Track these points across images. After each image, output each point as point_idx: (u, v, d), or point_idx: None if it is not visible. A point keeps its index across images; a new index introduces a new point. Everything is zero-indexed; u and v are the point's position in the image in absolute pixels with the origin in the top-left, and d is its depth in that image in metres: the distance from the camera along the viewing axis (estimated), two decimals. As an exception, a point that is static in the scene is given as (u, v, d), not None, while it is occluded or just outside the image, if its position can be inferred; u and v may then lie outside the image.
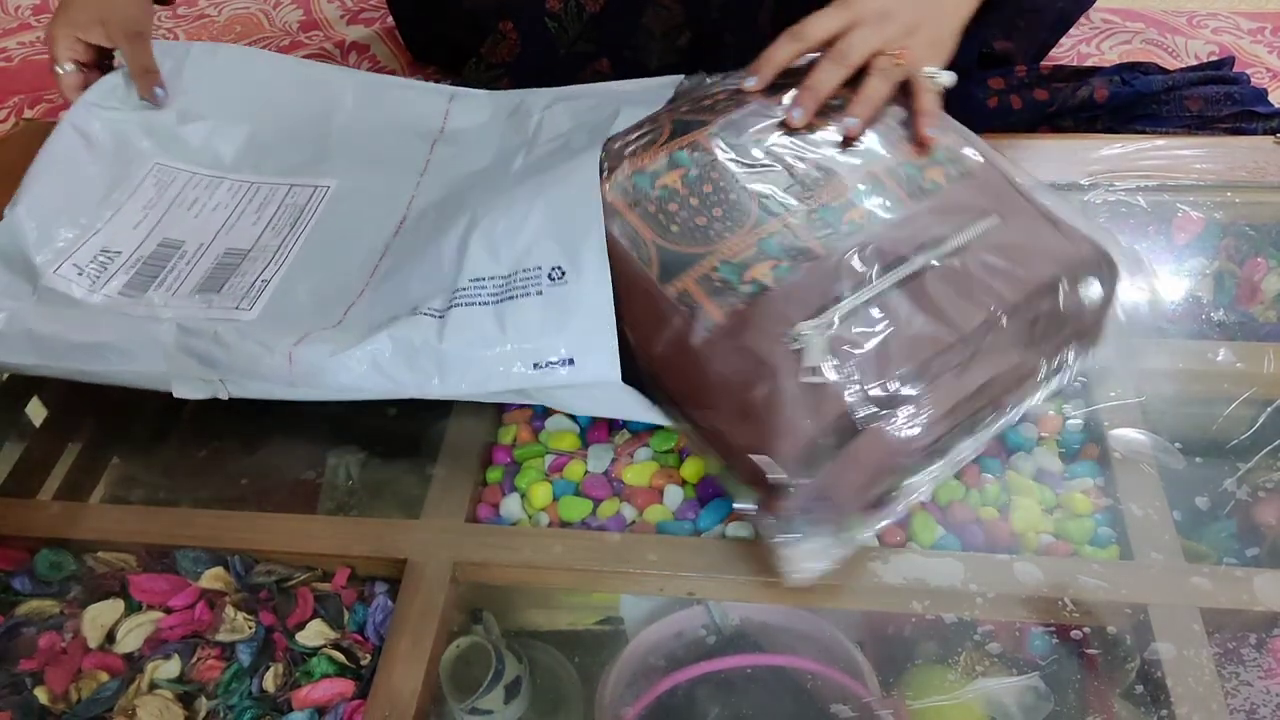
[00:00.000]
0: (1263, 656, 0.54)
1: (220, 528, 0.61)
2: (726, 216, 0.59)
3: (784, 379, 0.52)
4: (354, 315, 0.63)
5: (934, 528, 0.58)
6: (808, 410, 0.52)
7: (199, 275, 0.68)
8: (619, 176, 0.61)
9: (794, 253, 0.57)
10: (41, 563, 0.61)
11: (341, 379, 0.58)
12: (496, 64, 0.92)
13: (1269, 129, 0.86)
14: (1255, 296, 0.71)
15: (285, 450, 0.72)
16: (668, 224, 0.59)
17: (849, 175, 0.60)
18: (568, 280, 0.57)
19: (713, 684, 0.59)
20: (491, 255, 0.59)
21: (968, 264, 0.56)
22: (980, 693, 0.56)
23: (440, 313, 0.58)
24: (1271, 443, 0.63)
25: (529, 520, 0.61)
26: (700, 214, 0.59)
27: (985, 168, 0.62)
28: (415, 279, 0.62)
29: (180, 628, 0.58)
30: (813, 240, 0.58)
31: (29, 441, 0.71)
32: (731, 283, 0.56)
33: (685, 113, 0.65)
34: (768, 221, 0.58)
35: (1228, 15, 1.16)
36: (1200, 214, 0.75)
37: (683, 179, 0.60)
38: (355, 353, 0.58)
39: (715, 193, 0.60)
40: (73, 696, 0.56)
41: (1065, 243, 0.58)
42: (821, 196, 0.59)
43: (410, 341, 0.57)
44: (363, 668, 0.56)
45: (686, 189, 0.60)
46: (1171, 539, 0.56)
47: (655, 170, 0.61)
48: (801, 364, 0.52)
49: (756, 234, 0.58)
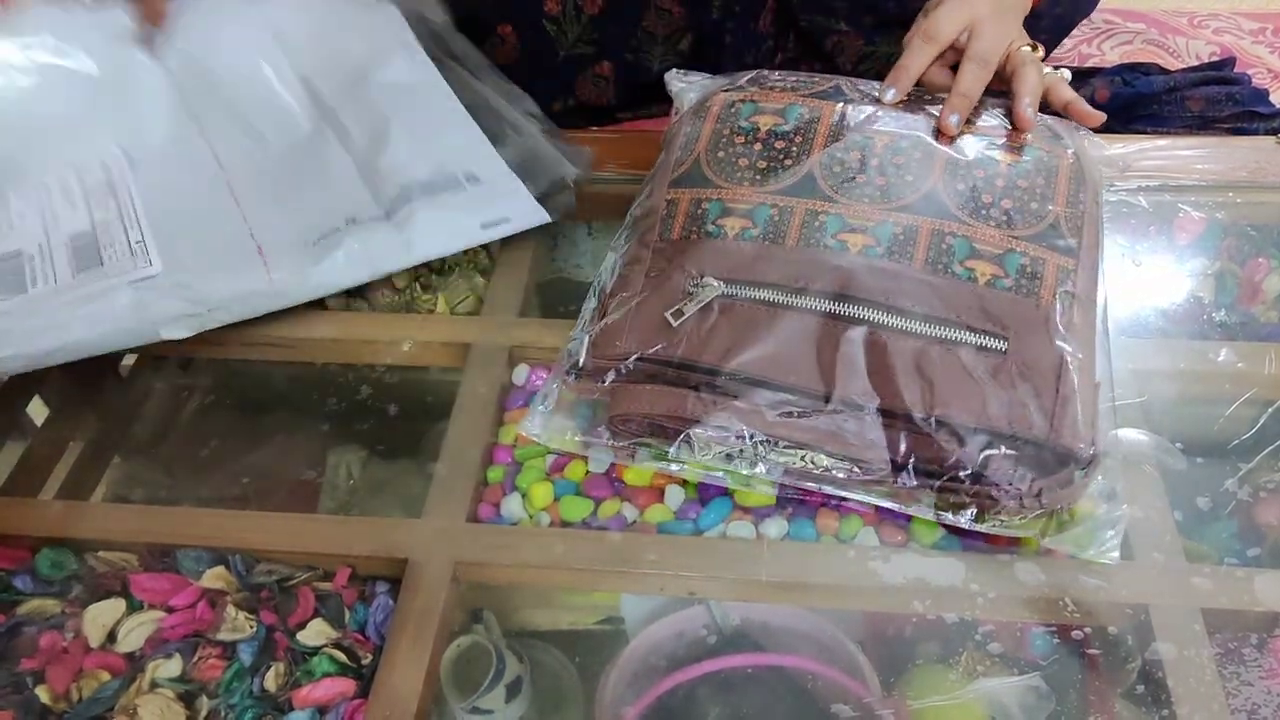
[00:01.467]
0: (1264, 657, 0.54)
1: (221, 527, 0.61)
2: (766, 171, 0.62)
3: (649, 301, 0.59)
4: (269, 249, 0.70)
5: (935, 527, 0.58)
6: (643, 332, 0.58)
7: (65, 265, 0.69)
8: (737, 94, 0.68)
9: (771, 229, 0.59)
10: (43, 562, 0.61)
11: (324, 279, 0.69)
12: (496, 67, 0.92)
13: (1270, 129, 0.86)
14: (1257, 297, 0.71)
15: (286, 449, 0.72)
16: (721, 149, 0.64)
17: (895, 210, 0.60)
18: (482, 182, 0.72)
19: (713, 684, 0.59)
20: (409, 164, 0.72)
21: (926, 356, 0.55)
22: (981, 693, 0.56)
23: (387, 214, 0.71)
24: (1273, 443, 0.63)
25: (530, 520, 0.61)
26: (748, 157, 0.64)
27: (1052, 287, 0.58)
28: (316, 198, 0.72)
29: (181, 627, 0.58)
30: (796, 231, 0.58)
31: (30, 441, 0.71)
32: (706, 215, 0.61)
33: (851, 86, 0.68)
34: (791, 192, 0.59)
35: (1229, 16, 1.16)
36: (1202, 214, 0.75)
37: (774, 128, 0.65)
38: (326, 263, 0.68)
39: (781, 151, 0.63)
40: (74, 696, 0.56)
41: (1037, 420, 0.53)
42: (857, 209, 0.60)
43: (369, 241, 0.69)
44: (364, 667, 0.56)
45: (767, 135, 0.64)
46: (1172, 539, 0.56)
47: (764, 108, 0.66)
48: (680, 303, 0.58)
49: (766, 196, 0.59)
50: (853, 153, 0.63)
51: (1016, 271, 0.58)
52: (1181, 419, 0.63)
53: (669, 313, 0.58)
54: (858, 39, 0.88)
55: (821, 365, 0.55)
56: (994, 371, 0.54)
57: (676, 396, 0.56)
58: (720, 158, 0.64)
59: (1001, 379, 0.54)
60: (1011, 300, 0.56)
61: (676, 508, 0.61)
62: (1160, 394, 0.63)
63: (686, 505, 0.61)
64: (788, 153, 0.63)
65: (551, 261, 0.81)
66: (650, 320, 0.58)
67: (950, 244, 0.58)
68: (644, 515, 0.61)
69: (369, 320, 0.72)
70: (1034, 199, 0.61)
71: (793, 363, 0.56)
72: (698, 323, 0.58)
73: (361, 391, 0.73)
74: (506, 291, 0.73)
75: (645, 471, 0.62)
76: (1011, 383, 0.54)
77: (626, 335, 0.58)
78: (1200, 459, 0.61)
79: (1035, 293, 0.57)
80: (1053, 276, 0.58)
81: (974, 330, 0.55)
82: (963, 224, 0.59)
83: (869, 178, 0.62)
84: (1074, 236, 0.60)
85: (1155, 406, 0.63)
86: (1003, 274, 0.57)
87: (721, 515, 0.60)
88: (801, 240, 0.59)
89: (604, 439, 0.60)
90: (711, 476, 0.58)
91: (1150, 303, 0.71)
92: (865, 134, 0.64)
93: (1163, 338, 0.68)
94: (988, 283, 0.57)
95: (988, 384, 0.54)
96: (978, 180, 0.62)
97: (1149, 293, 0.72)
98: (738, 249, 0.59)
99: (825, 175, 0.62)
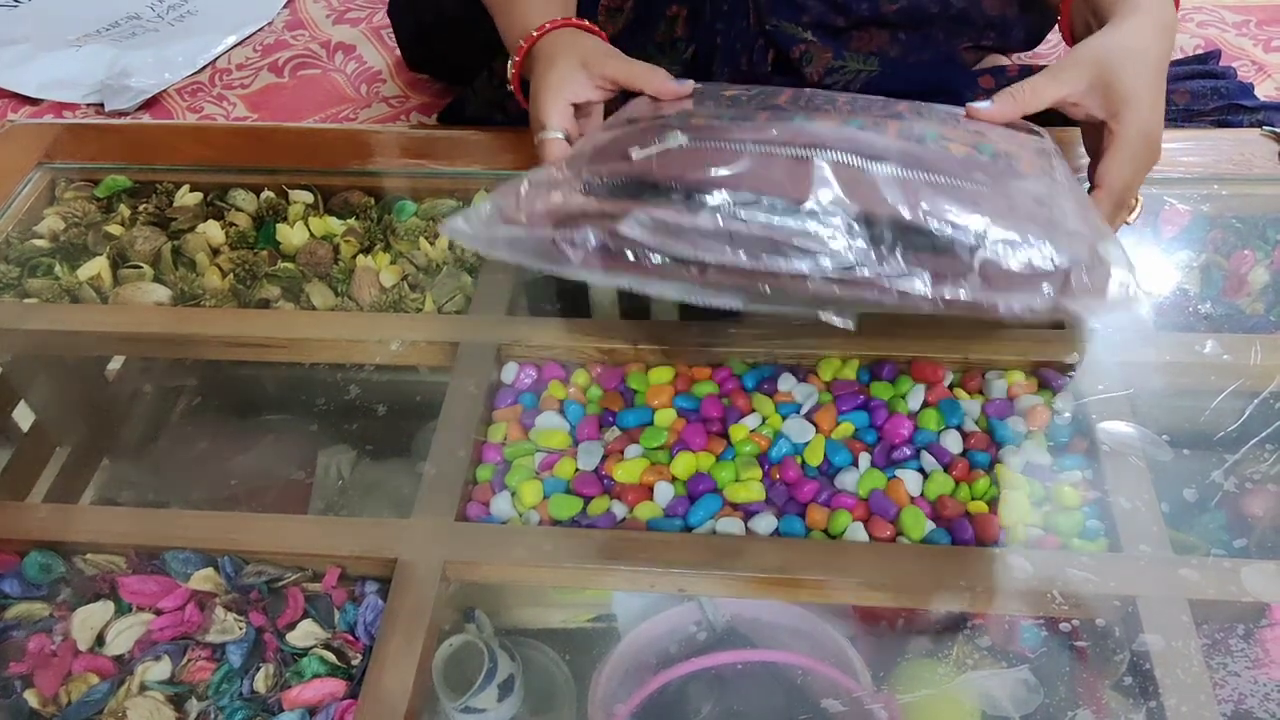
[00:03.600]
0: (1250, 647, 0.54)
1: (210, 529, 0.61)
2: (735, 114, 0.61)
3: (611, 144, 0.59)
4: None
5: (923, 521, 0.58)
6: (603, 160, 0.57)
7: None
8: None
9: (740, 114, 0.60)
10: (31, 565, 0.61)
11: None
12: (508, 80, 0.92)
13: (1255, 122, 0.86)
14: (1242, 288, 0.72)
15: (275, 450, 0.72)
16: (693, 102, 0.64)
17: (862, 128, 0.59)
18: None
19: (705, 680, 0.59)
20: None
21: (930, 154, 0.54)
22: (971, 686, 0.57)
23: None
24: (1258, 435, 0.63)
25: (520, 519, 0.61)
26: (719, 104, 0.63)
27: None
28: None
29: (170, 629, 0.58)
30: (765, 117, 0.59)
31: (18, 444, 0.71)
32: (675, 119, 0.60)
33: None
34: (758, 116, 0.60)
35: (1213, 9, 1.16)
36: (1187, 207, 0.75)
37: (737, 95, 0.64)
38: None
39: (748, 101, 0.63)
40: (63, 699, 0.55)
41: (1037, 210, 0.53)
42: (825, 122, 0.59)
43: None
44: (354, 668, 0.56)
45: (731, 98, 0.64)
46: (1160, 531, 0.57)
47: (732, 90, 0.65)
48: (652, 141, 0.57)
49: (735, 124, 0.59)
50: (817, 110, 0.62)
51: (991, 154, 0.57)
52: (1168, 411, 0.63)
53: (631, 149, 0.56)
54: (826, 52, 0.87)
55: (794, 181, 0.53)
56: (980, 196, 0.53)
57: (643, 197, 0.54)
58: (690, 108, 0.63)
59: (992, 193, 0.53)
60: (990, 164, 0.56)
61: (666, 505, 0.61)
62: (1147, 386, 0.64)
63: (676, 502, 0.61)
64: (754, 104, 0.63)
65: (540, 260, 0.81)
66: (611, 154, 0.57)
67: (920, 131, 0.58)
68: (633, 512, 0.61)
69: (357, 320, 0.72)
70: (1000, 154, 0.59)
71: (764, 177, 0.53)
72: (659, 159, 0.56)
73: (350, 392, 0.73)
74: (494, 290, 0.73)
75: (635, 468, 0.62)
76: (1005, 193, 0.53)
77: (588, 161, 0.57)
78: (1187, 451, 0.62)
79: (1014, 167, 0.57)
80: (1029, 163, 0.57)
81: (955, 175, 0.54)
82: (933, 129, 0.59)
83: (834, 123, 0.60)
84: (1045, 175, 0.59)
85: (1142, 399, 0.63)
86: (976, 153, 0.57)
87: (711, 512, 0.60)
88: (772, 118, 0.58)
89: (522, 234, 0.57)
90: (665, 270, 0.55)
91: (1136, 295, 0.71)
92: (826, 109, 0.63)
93: (1149, 330, 0.69)
94: (964, 156, 0.56)
95: (980, 194, 0.53)
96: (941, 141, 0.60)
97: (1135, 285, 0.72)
98: (706, 123, 0.58)
99: (789, 113, 0.61)
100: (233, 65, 1.20)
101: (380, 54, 1.19)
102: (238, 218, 0.81)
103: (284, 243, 0.78)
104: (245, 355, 0.71)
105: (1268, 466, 0.62)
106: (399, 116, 1.10)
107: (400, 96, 1.13)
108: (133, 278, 0.76)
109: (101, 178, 0.84)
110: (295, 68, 1.19)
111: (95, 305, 0.74)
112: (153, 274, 0.77)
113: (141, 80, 1.14)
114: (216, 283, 0.76)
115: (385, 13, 1.18)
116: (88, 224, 0.81)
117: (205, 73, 1.18)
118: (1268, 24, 1.13)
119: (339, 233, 0.79)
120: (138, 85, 1.13)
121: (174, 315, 0.73)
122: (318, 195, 0.82)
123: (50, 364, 0.79)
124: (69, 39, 1.21)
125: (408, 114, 1.10)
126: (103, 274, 0.76)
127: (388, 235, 0.79)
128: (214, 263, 0.77)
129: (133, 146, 0.87)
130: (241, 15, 1.26)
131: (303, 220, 0.80)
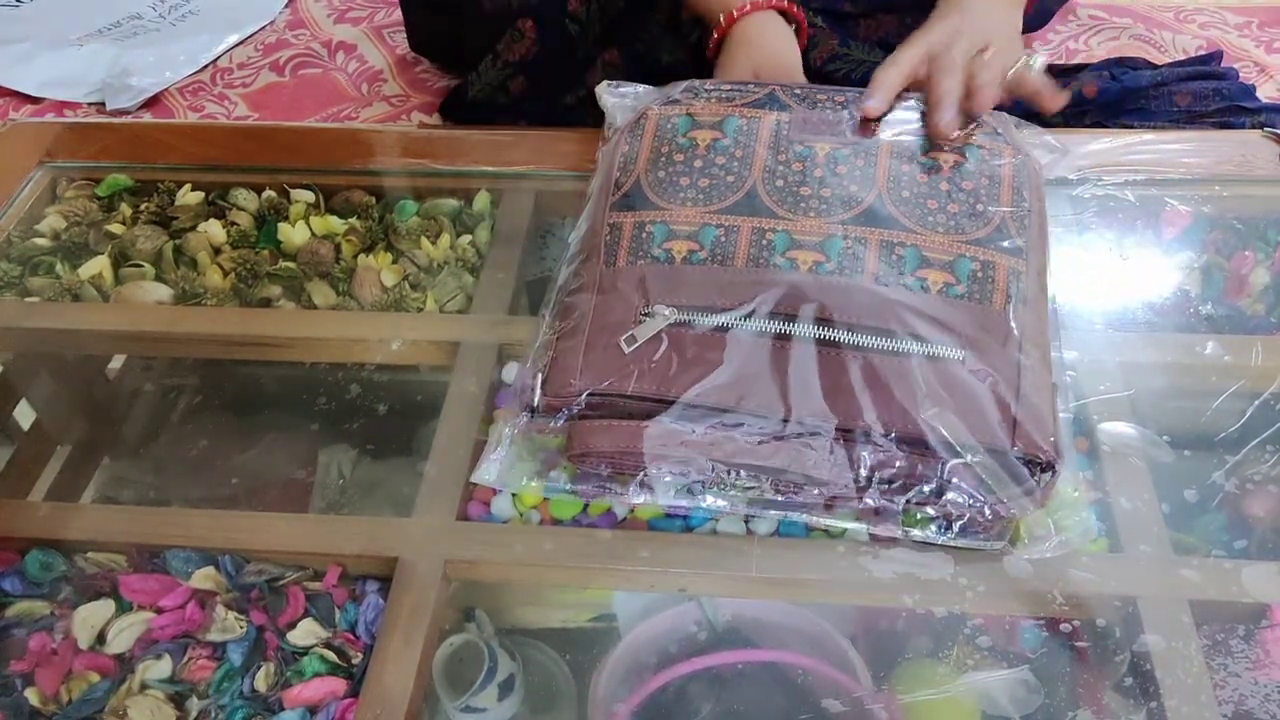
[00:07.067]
0: (1251, 648, 0.54)
1: (211, 527, 0.61)
2: (709, 190, 0.61)
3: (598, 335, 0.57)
4: None
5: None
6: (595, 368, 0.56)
7: None
8: (671, 108, 0.66)
9: (719, 251, 0.59)
10: (32, 564, 0.61)
11: None
12: (511, 61, 0.92)
13: (1256, 123, 0.86)
14: (1243, 289, 0.72)
15: (276, 449, 0.72)
16: (661, 168, 0.63)
17: (843, 223, 0.59)
18: None
19: (705, 680, 0.59)
20: None
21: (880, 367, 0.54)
22: (971, 686, 0.57)
23: None
24: (1259, 435, 0.63)
25: (520, 518, 0.61)
26: (689, 175, 0.62)
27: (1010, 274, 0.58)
28: None
29: (171, 628, 0.58)
30: (744, 251, 0.58)
31: (18, 443, 0.71)
32: (652, 239, 0.60)
33: (786, 92, 0.67)
34: (735, 210, 0.59)
35: (1215, 10, 1.16)
36: (1188, 208, 0.75)
37: (713, 143, 0.64)
38: None
39: (722, 168, 0.62)
40: (64, 697, 0.55)
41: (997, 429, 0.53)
42: (804, 224, 0.59)
43: None
44: (354, 666, 0.56)
45: (706, 151, 0.63)
46: (1160, 532, 0.57)
47: (701, 121, 0.65)
48: (631, 331, 0.57)
49: (711, 216, 0.59)
50: (794, 165, 0.62)
51: (968, 278, 0.58)
52: (1168, 412, 0.63)
53: (623, 339, 0.57)
54: (832, 38, 0.87)
55: (778, 389, 0.54)
56: (951, 382, 0.54)
57: (631, 432, 0.55)
58: (660, 177, 0.63)
59: (959, 390, 0.54)
60: (965, 308, 0.56)
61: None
62: (1147, 387, 0.64)
63: (677, 502, 0.61)
64: (729, 169, 0.63)
65: (540, 259, 0.81)
66: (601, 354, 0.57)
67: (900, 254, 0.58)
68: (634, 512, 0.61)
69: (358, 319, 0.72)
70: (979, 200, 0.61)
71: (748, 388, 0.55)
72: (649, 353, 0.56)
73: (351, 391, 0.73)
74: (496, 289, 0.73)
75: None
76: (970, 392, 0.54)
77: (579, 372, 0.56)
78: (1187, 452, 0.62)
79: (989, 298, 0.57)
80: (1004, 280, 0.58)
81: (929, 342, 0.55)
82: (911, 233, 0.59)
83: (813, 190, 0.61)
84: (1020, 236, 0.60)
85: (1143, 400, 0.63)
86: (954, 280, 0.57)
87: (712, 512, 0.60)
88: (750, 260, 0.58)
89: (561, 482, 0.59)
90: (676, 508, 0.58)
91: (1137, 296, 0.71)
92: (805, 144, 0.64)
93: (1150, 331, 0.69)
94: (940, 291, 0.57)
95: (946, 396, 0.53)
96: (921, 187, 0.62)
97: (1136, 286, 0.72)
98: (686, 274, 0.59)
99: (769, 190, 0.61)
100: (234, 64, 1.20)
101: (381, 53, 1.19)
102: (239, 217, 0.81)
103: (285, 242, 0.78)
104: (246, 354, 0.71)
105: (1268, 467, 0.62)
106: (400, 116, 1.10)
107: (401, 96, 1.13)
108: (134, 277, 0.76)
109: (103, 176, 0.84)
110: (296, 67, 1.19)
111: (96, 304, 0.75)
112: (154, 273, 0.77)
113: (143, 79, 1.13)
114: (218, 282, 0.76)
115: (386, 13, 1.18)
116: (89, 223, 0.81)
117: (206, 72, 1.18)
118: (1270, 25, 1.13)
119: (340, 232, 0.79)
120: (139, 84, 1.13)
121: (175, 314, 0.73)
122: (319, 194, 0.82)
123: (51, 362, 0.79)
124: (70, 38, 1.21)
125: (409, 113, 1.10)
126: (104, 273, 0.77)
127: (389, 234, 0.79)
128: (215, 262, 0.77)
129: (134, 145, 0.87)
130: (243, 14, 1.26)
131: (304, 219, 0.80)
